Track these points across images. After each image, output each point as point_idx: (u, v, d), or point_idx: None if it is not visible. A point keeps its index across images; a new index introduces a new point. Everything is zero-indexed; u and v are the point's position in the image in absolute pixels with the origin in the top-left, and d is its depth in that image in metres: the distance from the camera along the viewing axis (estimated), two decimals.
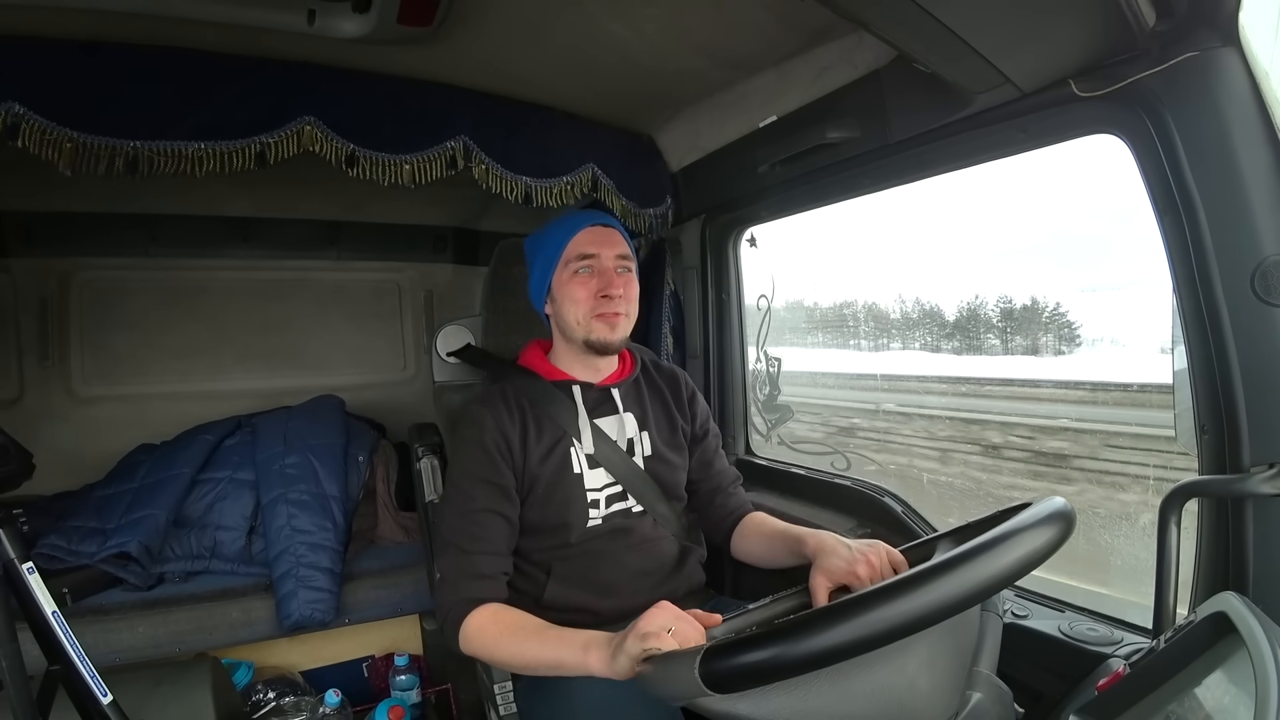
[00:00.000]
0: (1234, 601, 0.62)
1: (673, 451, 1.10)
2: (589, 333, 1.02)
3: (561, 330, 1.07)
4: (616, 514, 1.04)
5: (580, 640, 0.77)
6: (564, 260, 1.03)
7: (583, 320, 1.01)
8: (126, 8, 1.01)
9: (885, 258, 2.29)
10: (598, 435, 1.04)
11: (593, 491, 1.03)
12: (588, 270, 1.02)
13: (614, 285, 1.01)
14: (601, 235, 1.03)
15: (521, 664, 0.85)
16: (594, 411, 1.06)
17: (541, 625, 0.85)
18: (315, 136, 1.19)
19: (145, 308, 2.04)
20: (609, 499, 1.04)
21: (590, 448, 1.03)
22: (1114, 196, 1.01)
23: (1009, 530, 0.54)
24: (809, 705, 0.53)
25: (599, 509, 1.03)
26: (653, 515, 1.07)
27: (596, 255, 1.02)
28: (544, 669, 0.82)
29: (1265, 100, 0.70)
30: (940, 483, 2.00)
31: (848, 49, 1.12)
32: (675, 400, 1.15)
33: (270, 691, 1.53)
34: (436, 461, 1.27)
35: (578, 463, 1.02)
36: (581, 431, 1.04)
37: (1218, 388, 0.76)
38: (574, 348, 1.06)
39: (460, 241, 2.42)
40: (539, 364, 1.10)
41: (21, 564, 0.92)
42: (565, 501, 1.00)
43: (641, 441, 1.08)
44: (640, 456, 1.07)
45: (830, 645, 0.48)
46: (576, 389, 1.06)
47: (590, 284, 1.01)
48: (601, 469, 1.03)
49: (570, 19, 1.12)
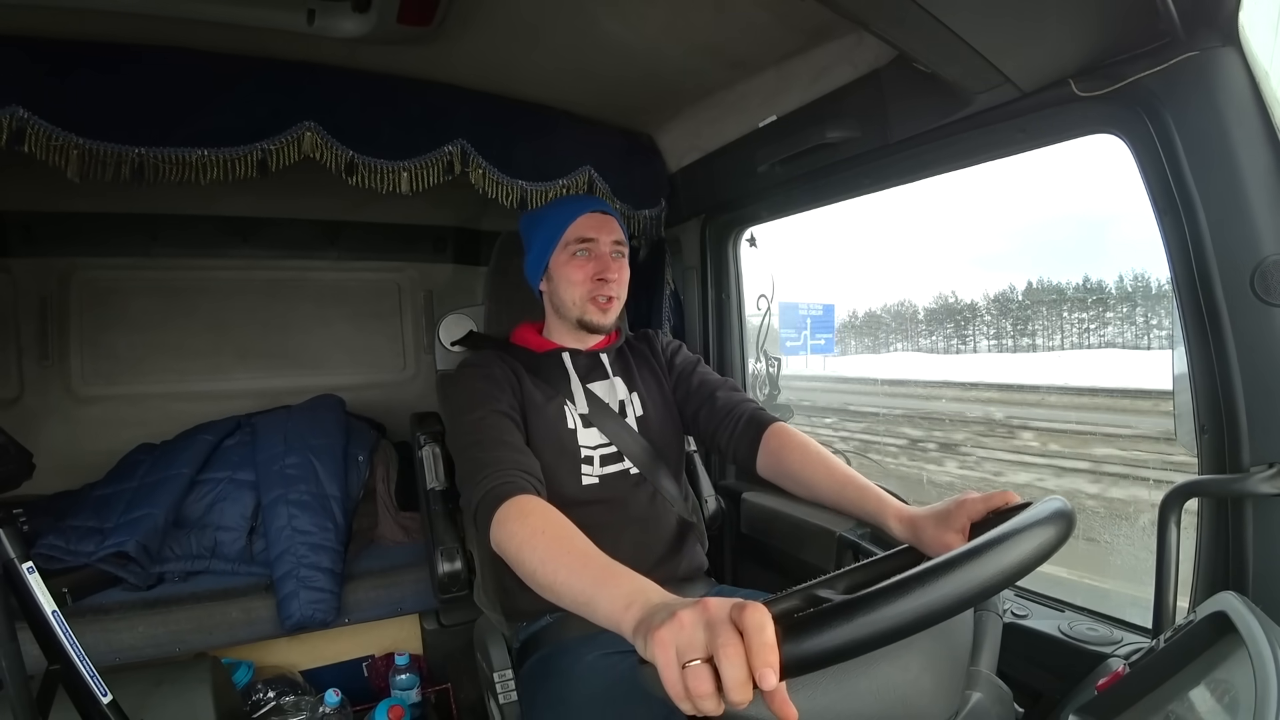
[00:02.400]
0: (1234, 601, 0.62)
1: (663, 413, 1.13)
2: (583, 313, 1.07)
3: (556, 308, 1.11)
4: (613, 476, 1.05)
5: (626, 589, 0.60)
6: (563, 242, 1.07)
7: (578, 301, 1.07)
8: (126, 8, 1.01)
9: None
10: (591, 398, 1.08)
11: (586, 448, 1.04)
12: (585, 254, 1.07)
13: (610, 269, 1.06)
14: (600, 221, 1.08)
15: (548, 580, 0.69)
16: (585, 376, 1.10)
17: (589, 548, 0.70)
18: (315, 143, 1.20)
19: (145, 308, 2.04)
20: (604, 459, 1.05)
21: (584, 408, 1.06)
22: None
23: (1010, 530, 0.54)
24: (815, 704, 0.53)
25: (593, 466, 1.04)
26: (651, 482, 1.07)
27: (595, 240, 1.07)
28: (568, 600, 0.66)
29: (1265, 100, 0.70)
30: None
31: (848, 49, 1.13)
32: (655, 360, 1.19)
33: (270, 691, 1.53)
34: (438, 449, 1.28)
35: (571, 419, 1.05)
36: (575, 394, 1.07)
37: (1218, 388, 0.76)
38: (566, 324, 1.11)
39: (460, 241, 2.42)
40: (531, 339, 1.15)
41: (21, 564, 0.92)
42: (559, 452, 1.02)
43: (632, 403, 1.11)
44: (632, 418, 1.10)
45: (834, 645, 0.46)
46: (566, 355, 1.11)
47: (587, 267, 1.06)
48: (595, 429, 1.06)
49: (570, 19, 1.12)
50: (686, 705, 0.46)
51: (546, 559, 0.70)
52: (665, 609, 0.51)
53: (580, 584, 0.65)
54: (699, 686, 0.45)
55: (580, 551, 0.70)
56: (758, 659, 0.44)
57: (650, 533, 1.06)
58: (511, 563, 0.76)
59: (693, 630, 0.47)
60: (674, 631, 0.48)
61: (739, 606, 0.47)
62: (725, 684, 0.44)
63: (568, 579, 0.67)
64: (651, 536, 1.06)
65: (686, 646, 0.47)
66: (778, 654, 0.44)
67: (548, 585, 0.70)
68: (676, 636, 0.47)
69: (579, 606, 0.65)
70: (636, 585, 0.60)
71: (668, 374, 1.18)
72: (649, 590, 0.59)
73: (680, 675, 0.46)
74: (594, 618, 0.62)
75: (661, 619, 0.49)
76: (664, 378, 1.17)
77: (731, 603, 0.48)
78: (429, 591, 1.35)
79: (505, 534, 0.77)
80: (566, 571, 0.68)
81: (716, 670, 0.45)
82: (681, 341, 1.26)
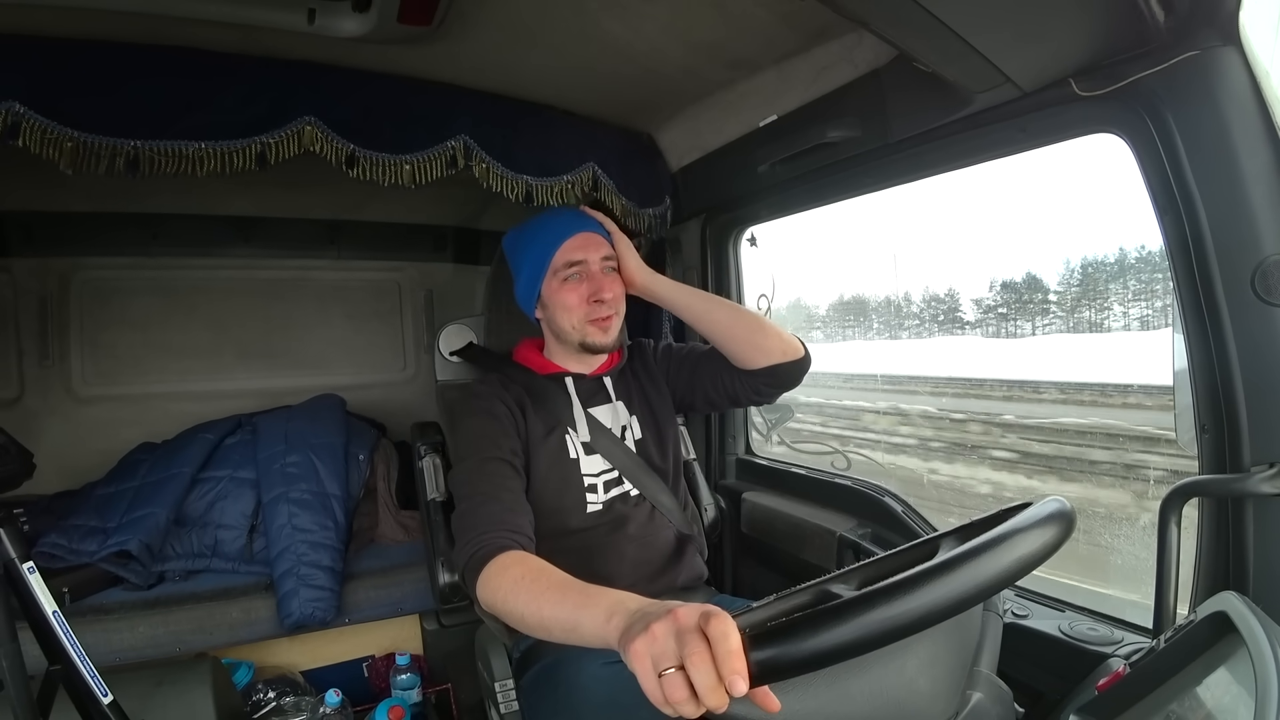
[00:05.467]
0: (1234, 601, 0.62)
1: (662, 431, 1.13)
2: (584, 336, 1.06)
3: (556, 334, 1.10)
4: (615, 499, 1.05)
5: (605, 605, 0.62)
6: (552, 269, 1.06)
7: (577, 325, 1.05)
8: (126, 7, 1.01)
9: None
10: (593, 424, 1.07)
11: (589, 477, 1.04)
12: (577, 276, 1.05)
13: (604, 288, 1.04)
14: (586, 240, 1.06)
15: (536, 620, 0.72)
16: (588, 401, 1.09)
17: (566, 579, 0.73)
18: (315, 136, 1.19)
19: (145, 307, 2.04)
20: (606, 484, 1.06)
21: (586, 435, 1.06)
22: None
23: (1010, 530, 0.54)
24: (807, 706, 0.53)
25: (597, 494, 1.04)
26: (650, 500, 1.08)
27: (584, 261, 1.05)
28: (559, 632, 0.69)
29: (1265, 100, 0.70)
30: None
31: (848, 48, 1.12)
32: (648, 370, 1.18)
33: (270, 691, 1.53)
34: (438, 460, 1.28)
35: (574, 449, 1.04)
36: (577, 421, 1.06)
37: (1218, 387, 0.76)
38: (569, 348, 1.09)
39: (460, 240, 2.42)
40: (533, 359, 1.13)
41: (22, 563, 0.92)
42: (562, 485, 1.02)
43: (632, 426, 1.11)
44: (631, 441, 1.10)
45: (818, 649, 0.46)
46: (569, 380, 1.09)
47: (581, 289, 1.04)
48: (598, 455, 1.06)
49: (570, 18, 1.12)
50: (669, 710, 0.49)
51: (529, 601, 0.73)
52: (641, 620, 0.53)
53: (563, 613, 0.68)
54: (675, 693, 0.48)
55: (558, 584, 0.72)
56: (725, 667, 0.46)
57: (649, 548, 1.06)
58: (502, 617, 0.78)
59: (664, 640, 0.50)
60: (647, 643, 0.50)
61: (706, 615, 0.49)
62: (697, 690, 0.47)
63: (552, 612, 0.70)
64: (650, 552, 1.06)
65: (660, 656, 0.49)
66: (744, 661, 0.46)
67: (537, 625, 0.72)
68: (650, 648, 0.50)
69: (568, 634, 0.67)
70: (614, 598, 0.62)
71: (664, 378, 1.18)
72: (626, 600, 0.61)
73: (658, 684, 0.49)
74: (583, 641, 0.65)
75: (636, 631, 0.52)
76: (662, 384, 1.17)
77: (700, 612, 0.50)
78: (429, 591, 1.35)
79: (489, 591, 0.79)
80: (550, 606, 0.70)
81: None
82: (670, 342, 1.26)
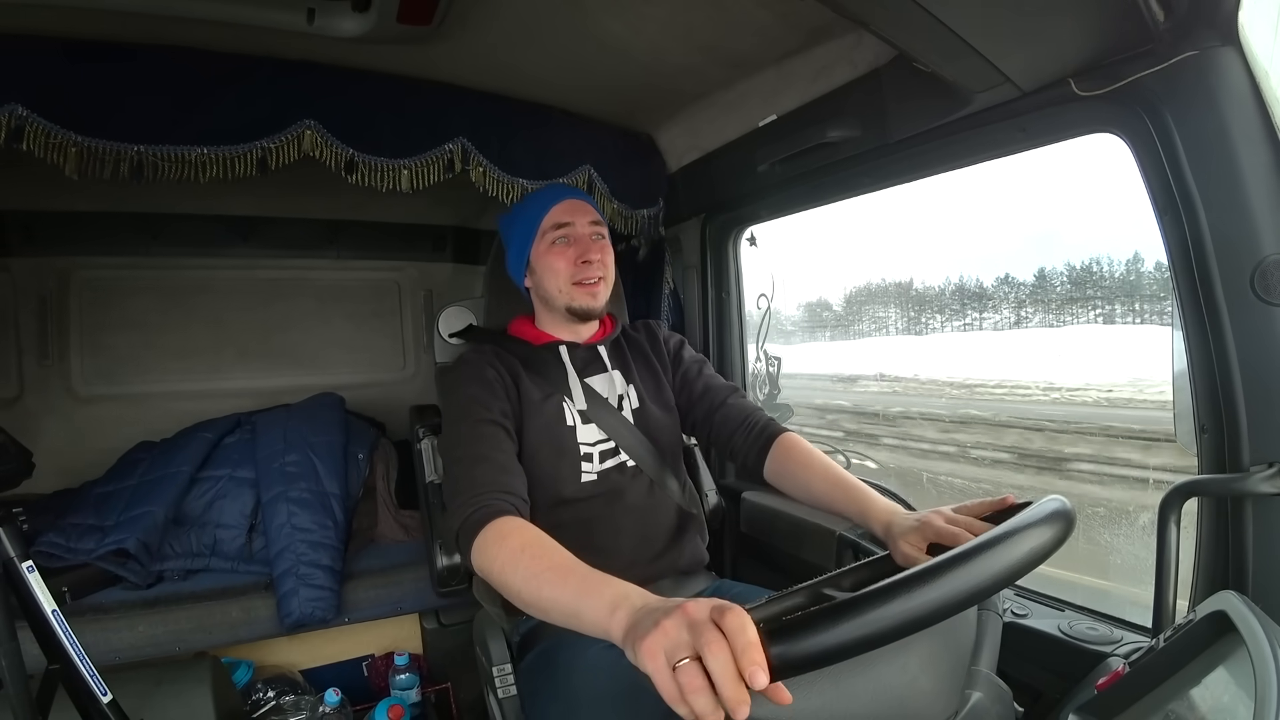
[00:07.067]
0: (1234, 600, 0.62)
1: (660, 405, 1.12)
2: (571, 300, 1.06)
3: (544, 300, 1.10)
4: (611, 470, 1.05)
5: (609, 597, 0.60)
6: (540, 232, 1.07)
7: (564, 289, 1.06)
8: (126, 7, 1.01)
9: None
10: (589, 393, 1.07)
11: (585, 445, 1.04)
12: (564, 240, 1.06)
13: (591, 250, 1.05)
14: (574, 206, 1.08)
15: (532, 598, 0.70)
16: (583, 370, 1.09)
17: (567, 559, 0.70)
18: (315, 141, 1.20)
19: (145, 307, 2.04)
20: (602, 454, 1.05)
21: (582, 404, 1.05)
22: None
23: (1010, 529, 0.54)
24: (810, 704, 0.53)
25: (593, 463, 1.04)
26: (649, 474, 1.06)
27: (571, 224, 1.06)
28: (557, 615, 0.67)
29: (1265, 100, 0.69)
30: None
31: (848, 48, 1.12)
32: (655, 352, 1.18)
33: (270, 690, 1.53)
34: (436, 442, 1.27)
35: (570, 417, 1.04)
36: (572, 390, 1.06)
37: (1218, 387, 0.75)
38: (557, 315, 1.10)
39: (460, 240, 2.42)
40: (527, 331, 1.13)
41: (21, 562, 0.92)
42: (557, 452, 1.01)
43: (629, 395, 1.10)
44: (628, 411, 1.09)
45: (826, 647, 0.46)
46: (564, 349, 1.09)
47: (568, 253, 1.05)
48: (594, 424, 1.05)
49: (570, 18, 1.12)
50: (684, 709, 0.47)
51: (529, 577, 0.71)
52: (649, 616, 0.52)
53: (564, 597, 0.66)
54: (691, 681, 0.46)
55: (561, 565, 0.70)
56: (744, 659, 0.44)
57: (650, 524, 1.05)
58: (496, 585, 0.76)
59: (677, 633, 0.49)
60: (660, 638, 0.49)
61: (719, 609, 0.48)
62: (715, 679, 0.45)
63: (551, 594, 0.67)
64: (651, 528, 1.05)
65: (674, 648, 0.48)
66: (763, 653, 0.44)
67: (533, 602, 0.70)
68: (663, 642, 0.49)
69: (566, 619, 0.65)
70: (619, 590, 0.61)
71: (670, 369, 1.17)
72: (631, 593, 0.60)
73: (673, 678, 0.47)
74: (581, 628, 0.63)
75: (646, 628, 0.51)
76: (664, 370, 1.16)
77: (711, 605, 0.49)
78: (429, 591, 1.34)
79: (486, 559, 0.77)
80: (550, 587, 0.68)
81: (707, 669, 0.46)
82: (684, 338, 1.25)
